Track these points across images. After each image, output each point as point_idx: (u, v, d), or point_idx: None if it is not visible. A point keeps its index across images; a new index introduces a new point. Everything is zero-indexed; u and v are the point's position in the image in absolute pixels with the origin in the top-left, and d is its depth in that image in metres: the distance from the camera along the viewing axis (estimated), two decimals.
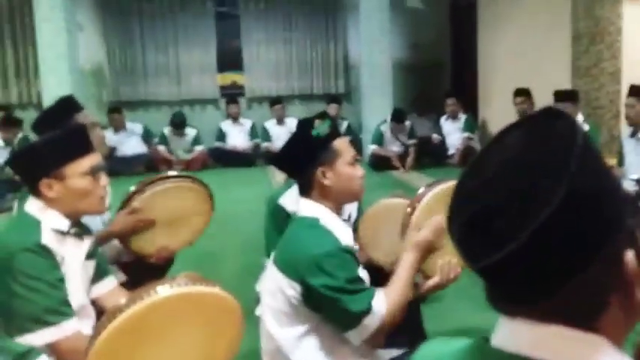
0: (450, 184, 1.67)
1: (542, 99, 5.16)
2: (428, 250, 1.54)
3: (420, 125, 7.65)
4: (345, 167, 1.54)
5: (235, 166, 7.28)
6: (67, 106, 2.28)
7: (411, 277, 1.51)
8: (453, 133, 6.91)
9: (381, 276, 2.04)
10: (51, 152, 1.55)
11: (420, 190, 1.71)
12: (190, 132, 7.45)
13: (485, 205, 0.58)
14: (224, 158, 7.50)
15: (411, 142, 6.79)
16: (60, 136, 1.60)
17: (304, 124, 1.58)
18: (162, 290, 1.14)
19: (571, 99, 4.59)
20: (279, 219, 2.15)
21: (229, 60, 8.39)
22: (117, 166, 7.00)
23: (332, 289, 1.38)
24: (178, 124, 7.31)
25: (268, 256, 2.21)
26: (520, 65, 6.12)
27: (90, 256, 1.71)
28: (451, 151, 6.84)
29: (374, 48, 7.09)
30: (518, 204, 0.55)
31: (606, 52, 4.75)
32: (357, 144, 7.70)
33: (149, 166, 7.18)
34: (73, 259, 1.62)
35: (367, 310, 1.40)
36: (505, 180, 0.58)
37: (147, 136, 7.46)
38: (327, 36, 8.26)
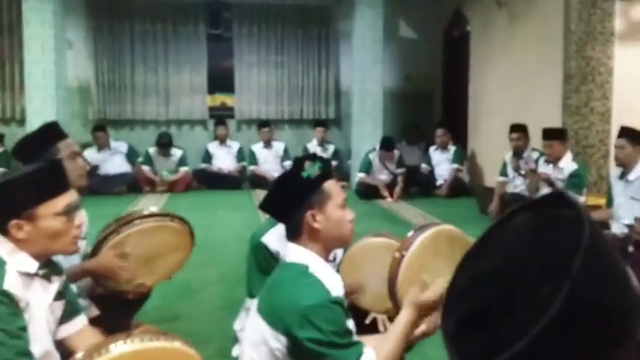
0: (439, 228, 1.63)
1: (533, 135, 5.18)
2: (427, 312, 1.49)
3: (409, 154, 7.65)
4: (336, 210, 1.49)
5: (220, 188, 7.20)
6: (50, 132, 2.21)
7: (405, 336, 1.45)
8: (442, 163, 6.92)
9: (363, 319, 1.97)
10: (23, 192, 1.46)
11: (409, 234, 1.66)
12: (176, 152, 7.36)
13: (484, 303, 0.55)
14: (209, 180, 7.41)
15: (400, 170, 6.76)
16: (34, 173, 1.51)
17: (294, 165, 1.53)
18: (116, 348, 1.07)
19: (560, 137, 4.60)
20: (262, 258, 2.07)
21: (220, 81, 8.35)
22: (99, 184, 6.89)
23: (320, 344, 1.31)
24: (164, 144, 7.22)
25: (249, 295, 2.13)
26: (510, 100, 6.16)
27: (59, 296, 1.61)
28: (439, 182, 6.83)
29: (366, 76, 7.12)
30: (519, 305, 0.53)
31: (597, 91, 4.79)
32: (343, 170, 7.71)
33: (132, 185, 7.10)
34: (40, 302, 1.53)
35: None
36: (506, 276, 0.55)
37: (131, 155, 7.35)
38: (320, 61, 8.28)
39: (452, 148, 6.89)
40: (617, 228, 3.93)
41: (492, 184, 5.73)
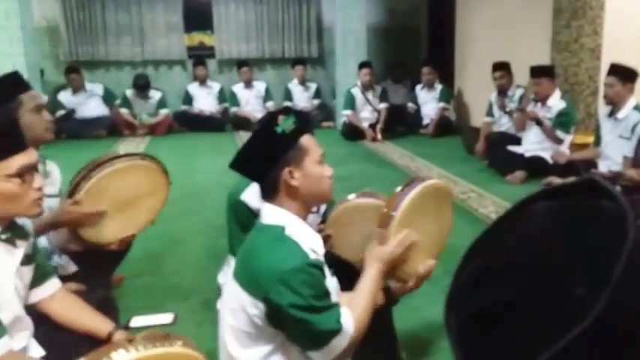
0: (427, 185, 1.56)
1: (520, 73, 5.03)
2: (392, 265, 1.49)
3: (395, 93, 7.48)
4: (315, 166, 1.40)
5: (203, 130, 7.05)
6: (12, 83, 2.02)
7: (375, 290, 1.44)
8: (429, 102, 6.78)
9: (352, 272, 1.92)
10: None
11: (397, 190, 1.59)
12: (155, 94, 7.11)
13: (501, 299, 0.49)
14: (191, 122, 7.23)
15: (383, 105, 6.63)
16: None
17: (266, 121, 1.40)
18: (119, 357, 1.00)
19: (548, 74, 4.48)
20: (243, 216, 1.96)
21: (197, 19, 7.94)
22: (77, 128, 6.70)
23: (298, 308, 1.25)
24: (142, 86, 6.95)
25: (232, 253, 2.05)
26: (498, 37, 5.95)
27: (27, 260, 1.51)
28: (426, 121, 6.72)
29: (349, 12, 6.82)
30: (542, 306, 0.47)
31: (587, 27, 4.61)
32: (327, 109, 7.55)
33: (111, 129, 6.91)
34: (4, 268, 1.43)
35: (337, 331, 1.30)
36: (528, 273, 0.49)
37: (108, 98, 7.09)
38: None
39: (438, 87, 6.73)
40: (605, 166, 3.90)
41: (479, 123, 5.63)
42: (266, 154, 1.37)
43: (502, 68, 5.16)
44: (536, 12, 5.17)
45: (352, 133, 6.49)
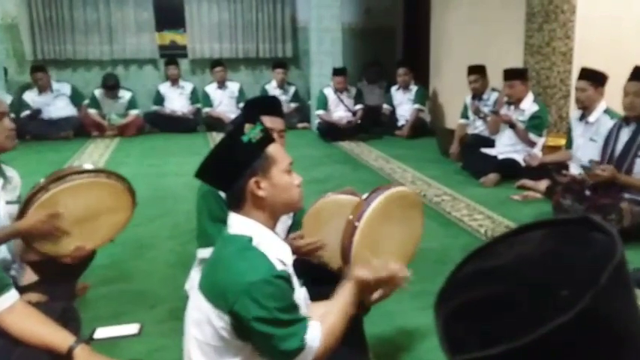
0: (391, 192, 1.56)
1: (495, 75, 5.10)
2: (368, 289, 1.48)
3: (370, 93, 7.51)
4: (282, 176, 1.38)
5: (174, 131, 6.96)
6: None
7: (349, 309, 1.42)
8: (404, 103, 6.83)
9: (327, 275, 1.91)
10: None
11: (363, 197, 1.58)
12: (125, 94, 7.00)
13: (492, 292, 0.53)
14: (162, 123, 7.14)
15: (358, 107, 6.66)
16: None
17: (233, 130, 1.37)
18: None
19: (521, 77, 4.55)
20: (214, 205, 1.89)
21: (169, 18, 7.83)
22: (43, 129, 6.55)
23: (264, 322, 1.23)
24: (111, 85, 6.83)
25: (200, 245, 2.00)
26: (473, 39, 6.01)
27: None
28: (401, 122, 6.76)
29: (324, 11, 6.81)
30: (529, 301, 0.51)
31: (559, 30, 4.70)
32: (304, 111, 7.54)
33: (79, 130, 6.77)
34: None
35: (301, 348, 1.28)
36: (520, 272, 0.54)
37: (75, 98, 6.96)
38: None
39: (413, 88, 6.78)
40: (576, 169, 3.97)
41: (454, 125, 5.68)
42: (232, 163, 1.34)
43: (477, 72, 5.20)
44: (510, 15, 5.24)
45: (328, 131, 6.49)
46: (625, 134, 3.28)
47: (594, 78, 3.82)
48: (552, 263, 0.53)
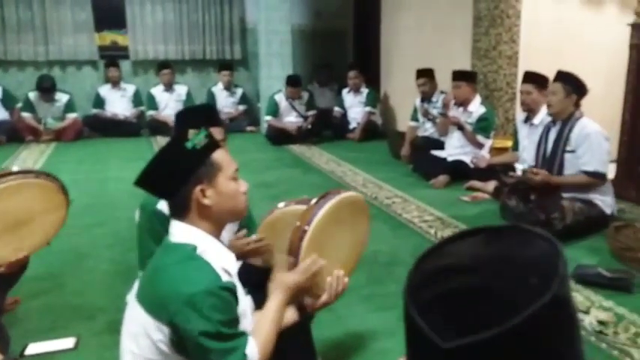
0: (341, 198, 1.56)
1: (444, 78, 5.23)
2: (299, 292, 1.48)
3: (321, 96, 7.55)
4: (228, 183, 1.35)
5: (116, 135, 6.78)
6: None
7: (279, 319, 1.42)
8: (355, 106, 6.90)
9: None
10: None
11: (312, 202, 1.57)
12: (62, 97, 6.75)
13: (465, 283, 0.56)
14: (102, 127, 6.94)
15: (310, 113, 6.69)
16: None
17: (176, 136, 1.34)
18: None
19: (467, 79, 4.69)
20: (160, 226, 1.84)
21: (109, 18, 7.60)
22: None
23: (206, 335, 1.19)
24: (46, 88, 6.57)
25: (142, 269, 1.94)
26: (422, 42, 6.16)
27: None
28: (352, 125, 6.83)
29: (273, 13, 6.81)
30: (504, 290, 0.54)
31: (505, 35, 4.88)
32: (253, 114, 7.50)
33: (12, 134, 6.48)
34: None
35: None
36: (485, 266, 0.57)
37: (7, 100, 6.66)
38: None
39: (365, 91, 6.86)
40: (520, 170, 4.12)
41: (405, 127, 5.79)
42: (175, 171, 1.30)
43: (425, 75, 5.32)
44: (458, 19, 5.40)
45: (277, 136, 6.47)
46: (553, 133, 3.45)
47: (538, 81, 3.99)
48: (511, 259, 0.57)
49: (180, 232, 1.32)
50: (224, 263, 1.30)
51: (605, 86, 3.53)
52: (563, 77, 3.38)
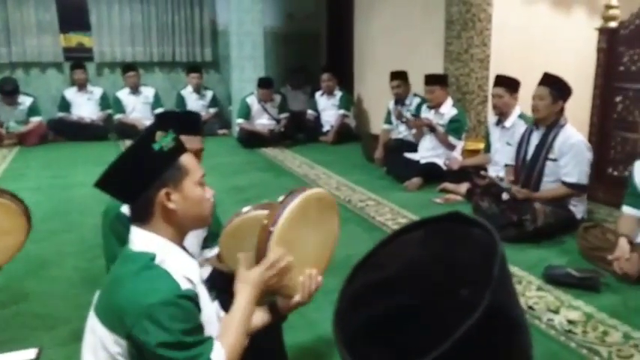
0: (306, 195, 1.55)
1: (417, 81, 5.30)
2: (267, 289, 1.44)
3: (294, 99, 7.57)
4: (194, 188, 1.33)
5: (83, 139, 6.67)
6: None
7: (246, 318, 1.39)
8: (328, 109, 6.92)
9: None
10: None
11: (280, 199, 1.57)
12: (25, 100, 6.62)
13: (392, 305, 0.63)
14: (68, 131, 6.82)
15: (283, 116, 6.70)
16: None
17: (142, 137, 1.31)
18: None
19: (440, 83, 4.76)
20: (125, 230, 1.82)
21: (74, 19, 7.47)
22: None
23: (167, 346, 1.16)
24: (8, 91, 6.45)
25: None
26: (395, 45, 6.23)
27: None
28: (326, 128, 6.85)
29: (244, 15, 6.80)
30: (433, 307, 0.60)
31: (476, 38, 4.97)
32: (224, 117, 7.46)
33: None
34: None
35: None
36: (415, 279, 0.62)
37: None
38: None
39: (338, 94, 6.90)
40: (494, 171, 4.20)
41: (378, 130, 5.84)
42: (140, 173, 1.27)
43: (399, 77, 5.39)
44: (430, 22, 5.48)
45: (249, 139, 6.46)
46: (535, 138, 3.52)
47: (509, 84, 4.08)
48: (444, 266, 0.58)
49: (140, 239, 1.29)
50: (185, 271, 1.28)
51: (574, 89, 3.62)
52: (551, 82, 3.37)
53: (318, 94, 7.04)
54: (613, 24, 4.01)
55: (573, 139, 3.34)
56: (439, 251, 0.62)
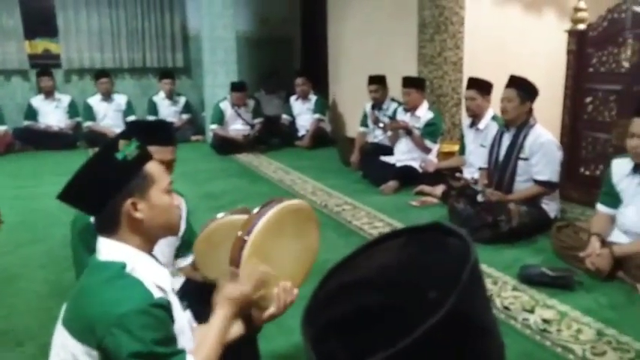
0: (282, 207, 1.55)
1: (391, 84, 5.36)
2: (245, 304, 1.45)
3: (269, 104, 7.57)
4: (161, 196, 1.33)
5: (51, 148, 6.57)
6: None
7: (223, 333, 1.39)
8: (304, 113, 6.94)
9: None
10: None
11: (254, 211, 1.57)
12: None
13: (360, 304, 0.59)
14: (35, 140, 6.72)
15: (257, 121, 6.70)
16: None
17: (105, 146, 1.30)
18: None
19: (417, 86, 4.83)
20: (94, 240, 1.80)
21: (40, 24, 7.36)
22: None
23: (139, 356, 1.16)
24: None
25: None
26: (369, 48, 6.28)
27: None
28: (301, 133, 6.87)
29: (216, 20, 6.78)
30: (400, 307, 0.57)
31: (449, 41, 5.05)
32: (197, 123, 7.42)
33: None
34: None
35: None
36: (385, 281, 0.59)
37: None
38: (162, 3, 7.69)
39: (313, 98, 6.92)
40: (469, 173, 4.27)
41: (354, 134, 5.88)
42: (104, 183, 1.26)
43: (377, 82, 5.42)
44: (403, 26, 5.54)
45: (223, 145, 6.44)
46: (506, 139, 3.60)
47: (481, 87, 4.16)
48: (414, 270, 0.58)
49: (108, 249, 1.28)
50: (156, 279, 1.27)
51: (546, 91, 3.71)
52: (517, 83, 3.49)
53: (292, 99, 7.06)
54: (582, 26, 4.12)
55: (543, 139, 3.42)
56: (415, 257, 0.62)
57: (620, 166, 2.88)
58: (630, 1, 3.76)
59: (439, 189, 4.28)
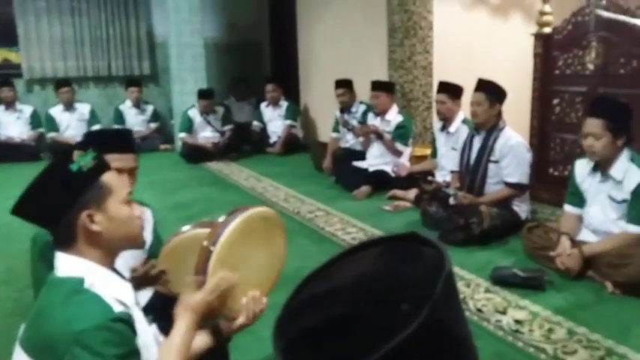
0: (249, 214, 1.54)
1: (362, 88, 5.40)
2: (209, 313, 1.43)
3: (239, 111, 7.55)
4: (120, 207, 1.30)
5: (12, 160, 6.42)
6: None
7: (187, 343, 1.37)
8: (275, 120, 6.95)
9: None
10: None
11: (220, 219, 1.56)
12: None
13: (330, 316, 0.59)
14: None
15: (227, 127, 6.69)
16: None
17: (59, 158, 1.27)
18: None
19: (386, 89, 4.89)
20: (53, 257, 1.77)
21: (0, 34, 7.20)
22: None
23: None
24: None
25: None
26: (339, 53, 6.33)
27: None
28: (273, 139, 6.87)
29: (183, 27, 6.76)
30: (371, 320, 0.57)
31: (419, 46, 5.13)
32: (166, 132, 7.36)
33: None
34: None
35: None
36: (358, 292, 0.60)
37: None
38: (127, 9, 7.61)
39: (284, 104, 6.93)
40: (441, 176, 4.33)
41: (327, 139, 5.91)
42: (58, 196, 1.23)
43: (344, 86, 5.48)
44: (373, 30, 5.61)
45: (192, 154, 6.40)
46: (477, 142, 3.67)
47: (451, 91, 4.23)
48: (388, 280, 0.59)
49: (66, 264, 1.26)
50: (117, 293, 1.25)
51: (514, 93, 3.79)
52: (485, 87, 3.57)
53: (263, 105, 7.06)
54: (547, 30, 4.24)
55: (513, 141, 3.50)
56: (389, 267, 0.63)
57: (582, 166, 2.97)
58: (593, 5, 3.88)
59: (412, 193, 4.33)
